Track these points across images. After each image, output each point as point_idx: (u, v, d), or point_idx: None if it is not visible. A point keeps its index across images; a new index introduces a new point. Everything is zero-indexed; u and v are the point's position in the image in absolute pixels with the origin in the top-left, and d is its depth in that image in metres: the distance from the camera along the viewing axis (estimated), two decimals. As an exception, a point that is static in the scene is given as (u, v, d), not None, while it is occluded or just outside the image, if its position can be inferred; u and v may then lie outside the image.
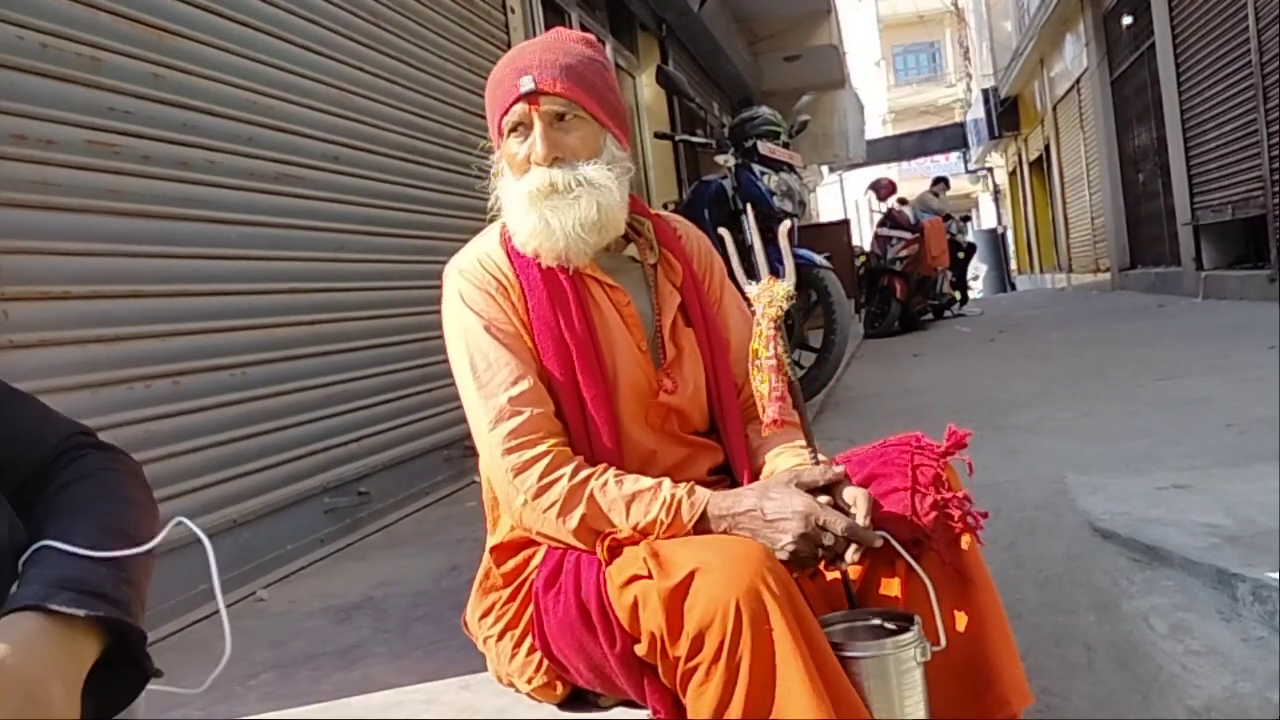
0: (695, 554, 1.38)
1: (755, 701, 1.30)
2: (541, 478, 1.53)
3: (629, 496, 1.51)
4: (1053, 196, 20.41)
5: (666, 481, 1.52)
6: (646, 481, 1.53)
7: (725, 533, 1.47)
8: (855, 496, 1.47)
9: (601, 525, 1.51)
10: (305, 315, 3.48)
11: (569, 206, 1.58)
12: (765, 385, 1.56)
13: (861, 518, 1.45)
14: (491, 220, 1.75)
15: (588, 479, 1.53)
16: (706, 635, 1.32)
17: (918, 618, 1.43)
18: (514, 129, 1.62)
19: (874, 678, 1.38)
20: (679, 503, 1.49)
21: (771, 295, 1.57)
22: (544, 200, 1.58)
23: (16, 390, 1.22)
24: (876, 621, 1.47)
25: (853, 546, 1.43)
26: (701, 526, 1.48)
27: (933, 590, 1.45)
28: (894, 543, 1.47)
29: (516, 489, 1.55)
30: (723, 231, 1.83)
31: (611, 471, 1.55)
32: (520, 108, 1.59)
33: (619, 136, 1.67)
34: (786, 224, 1.98)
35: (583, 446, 1.59)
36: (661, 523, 1.48)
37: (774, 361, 1.55)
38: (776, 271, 1.62)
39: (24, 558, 1.01)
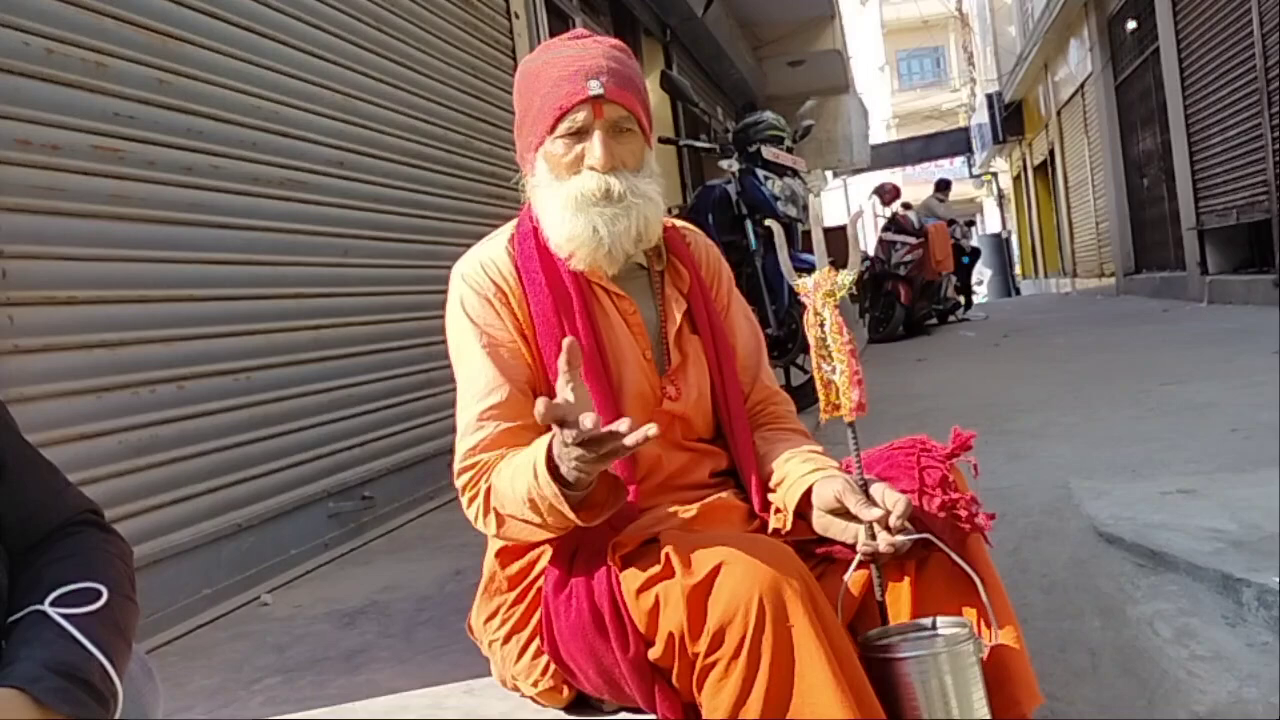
0: (719, 551, 1.38)
1: (774, 698, 1.30)
2: (470, 489, 1.55)
3: (512, 473, 1.46)
4: (1057, 201, 20.41)
5: (525, 452, 1.46)
6: (521, 454, 1.46)
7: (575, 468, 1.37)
8: (896, 502, 1.46)
9: (515, 514, 1.46)
10: (309, 320, 3.49)
11: (621, 215, 1.58)
12: (840, 373, 1.55)
13: (895, 519, 1.44)
14: (495, 224, 1.75)
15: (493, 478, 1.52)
16: (728, 631, 1.32)
17: (968, 620, 1.43)
18: (568, 131, 1.60)
19: (932, 678, 1.37)
20: (532, 461, 1.42)
21: (833, 284, 1.57)
22: (594, 206, 1.58)
23: (43, 459, 1.25)
24: (927, 631, 1.46)
25: (883, 536, 1.44)
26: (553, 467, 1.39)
27: (981, 587, 1.45)
28: (939, 542, 1.47)
29: (463, 505, 1.58)
30: (771, 223, 1.85)
31: (508, 457, 1.51)
32: (584, 112, 1.58)
33: (653, 151, 1.69)
34: (857, 211, 2.00)
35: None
36: (532, 485, 1.40)
37: (850, 346, 1.55)
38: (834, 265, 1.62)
39: (18, 616, 1.05)
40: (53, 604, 1.05)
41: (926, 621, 1.48)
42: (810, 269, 1.61)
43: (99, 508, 1.26)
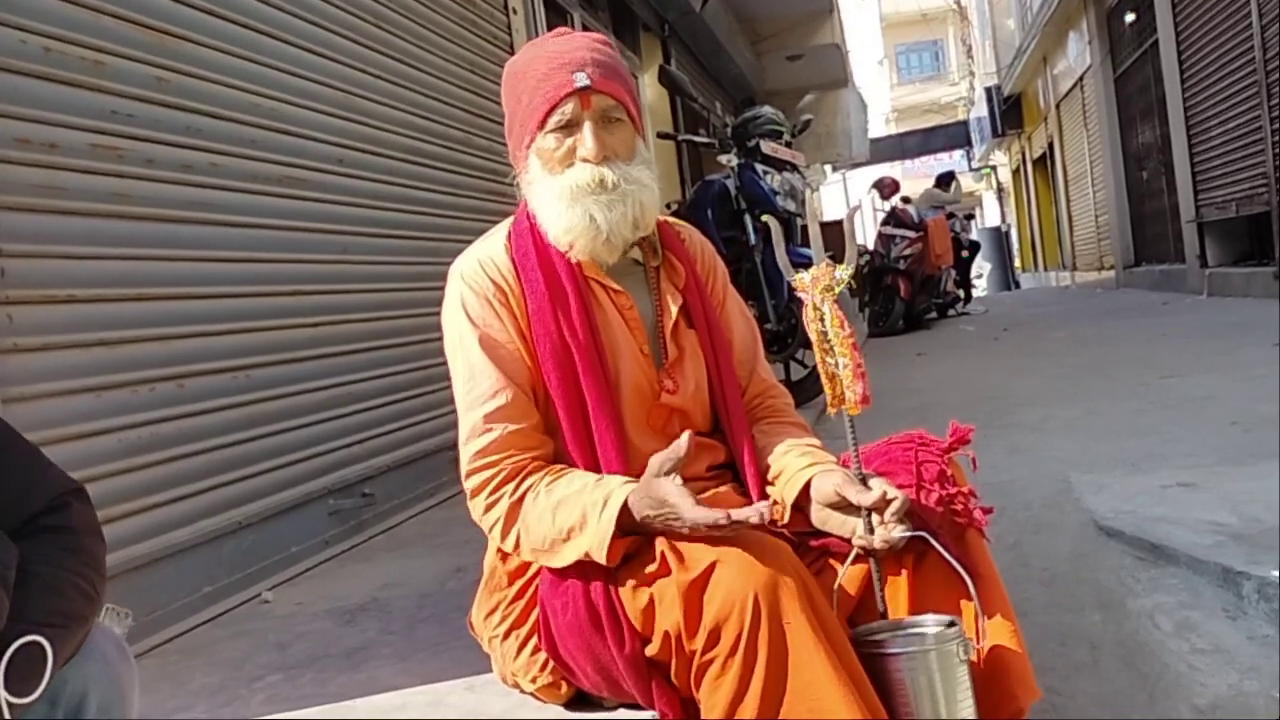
0: (714, 548, 1.38)
1: (770, 695, 1.31)
2: (488, 497, 1.56)
3: (555, 505, 1.51)
4: (1056, 194, 20.39)
5: (590, 483, 1.51)
6: (576, 483, 1.52)
7: (648, 525, 1.45)
8: (894, 498, 1.46)
9: (538, 541, 1.51)
10: (309, 318, 3.49)
11: (616, 202, 1.59)
12: (843, 366, 1.55)
13: (889, 513, 1.45)
14: (494, 221, 1.75)
15: (525, 495, 1.54)
16: (724, 628, 1.33)
17: (958, 618, 1.43)
18: (559, 125, 1.61)
19: (920, 675, 1.38)
20: (596, 505, 1.48)
21: (831, 279, 1.57)
22: (589, 195, 1.59)
23: (22, 439, 1.27)
24: (917, 627, 1.47)
25: (879, 531, 1.46)
26: (626, 523, 1.45)
27: (973, 587, 1.45)
28: (935, 543, 1.47)
29: (472, 510, 1.59)
30: (768, 218, 1.86)
31: (546, 480, 1.54)
32: (572, 104, 1.59)
33: (645, 140, 1.69)
34: (854, 205, 2.01)
35: (585, 451, 1.59)
36: (575, 528, 1.48)
37: (851, 339, 1.55)
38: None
39: None
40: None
41: (918, 618, 1.49)
42: (808, 264, 1.61)
43: (80, 485, 1.28)
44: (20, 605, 1.10)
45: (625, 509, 1.45)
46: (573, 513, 1.48)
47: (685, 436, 1.46)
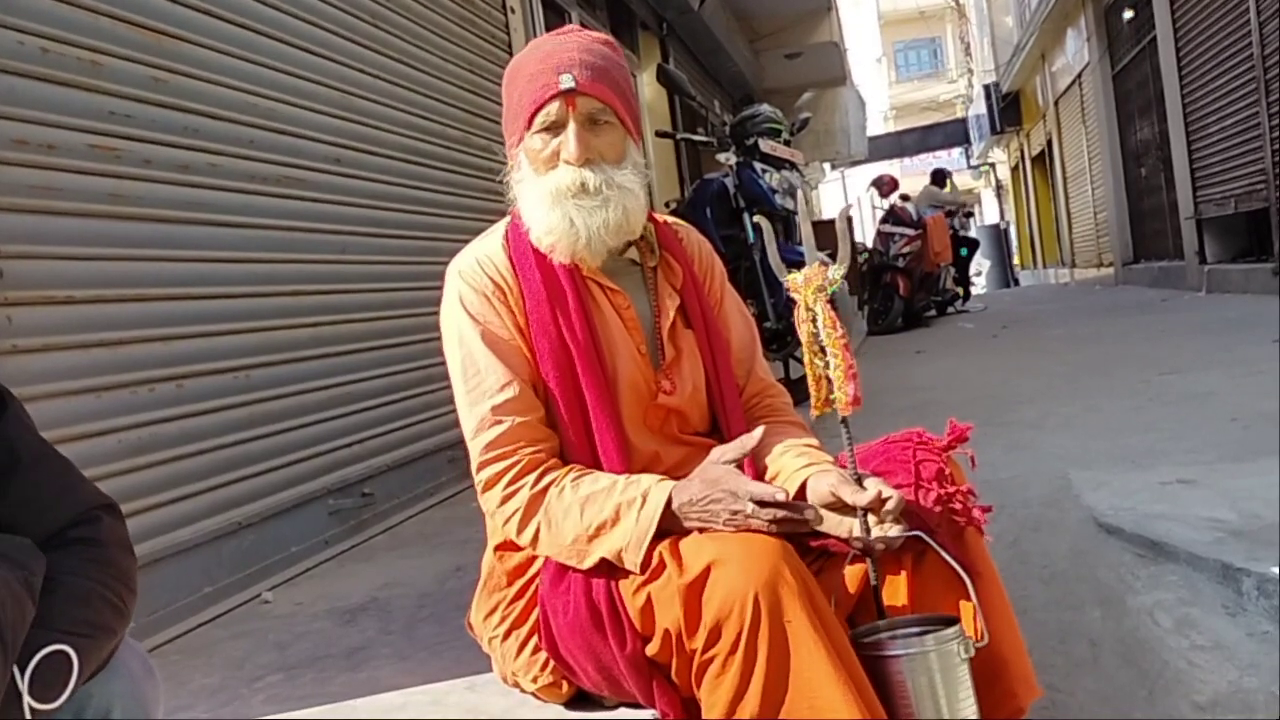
0: (712, 548, 1.39)
1: (771, 693, 1.31)
2: (505, 488, 1.55)
3: (583, 500, 1.50)
4: (1055, 191, 20.39)
5: (621, 481, 1.52)
6: (604, 480, 1.52)
7: (697, 520, 1.46)
8: (890, 497, 1.46)
9: (559, 535, 1.51)
10: (308, 318, 3.49)
11: (597, 208, 1.59)
12: (835, 367, 1.55)
13: (885, 514, 1.45)
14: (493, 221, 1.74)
15: (547, 488, 1.53)
16: (724, 626, 1.33)
17: (957, 617, 1.44)
18: (544, 125, 1.61)
19: (920, 675, 1.38)
20: (633, 503, 1.48)
21: (824, 279, 1.57)
22: (570, 199, 1.59)
23: (57, 454, 1.28)
24: (916, 627, 1.47)
25: (876, 531, 1.46)
26: (665, 525, 1.46)
27: (972, 587, 1.45)
28: (931, 542, 1.47)
29: (485, 503, 1.58)
30: (760, 218, 1.86)
31: (571, 476, 1.54)
32: (556, 105, 1.59)
33: (639, 144, 1.68)
34: (846, 205, 2.00)
35: (584, 449, 1.59)
36: (607, 524, 1.48)
37: (845, 340, 1.55)
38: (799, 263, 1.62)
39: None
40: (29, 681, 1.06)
41: (917, 617, 1.49)
42: (802, 263, 1.61)
43: (112, 501, 1.28)
44: (46, 613, 1.10)
45: (666, 507, 1.45)
46: (604, 508, 1.48)
47: (759, 431, 1.52)
